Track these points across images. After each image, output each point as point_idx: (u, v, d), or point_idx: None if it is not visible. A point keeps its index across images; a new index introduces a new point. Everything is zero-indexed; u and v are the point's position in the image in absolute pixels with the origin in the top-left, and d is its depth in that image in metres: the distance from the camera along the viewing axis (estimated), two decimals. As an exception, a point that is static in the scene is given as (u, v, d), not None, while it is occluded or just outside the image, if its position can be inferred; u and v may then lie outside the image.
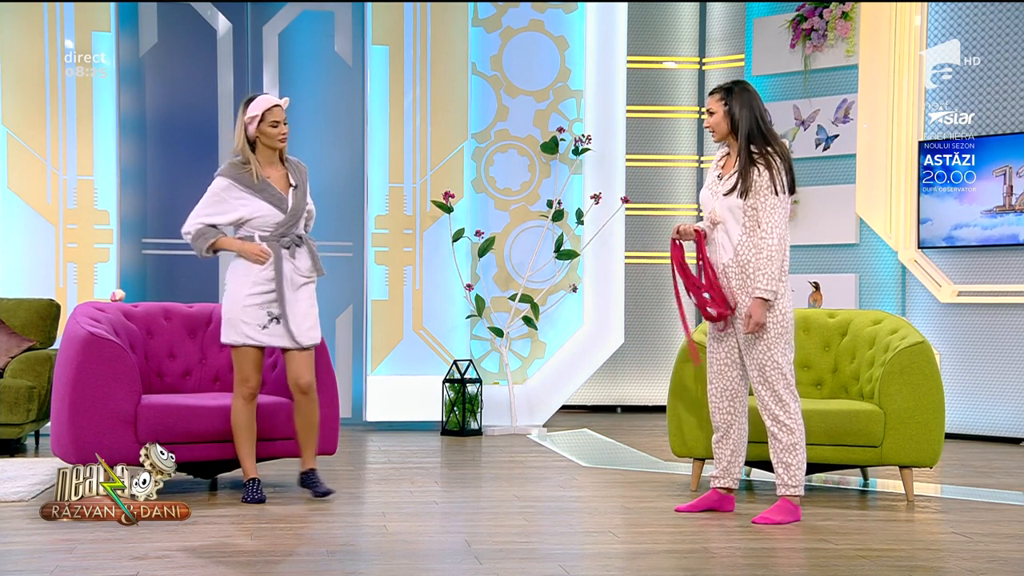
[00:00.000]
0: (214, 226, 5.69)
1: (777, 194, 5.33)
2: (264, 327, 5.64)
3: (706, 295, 5.46)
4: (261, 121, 5.64)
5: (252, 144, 5.69)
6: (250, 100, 5.69)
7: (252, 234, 5.66)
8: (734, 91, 5.46)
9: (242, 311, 5.63)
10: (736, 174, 5.39)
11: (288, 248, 5.66)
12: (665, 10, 10.44)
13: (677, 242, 5.57)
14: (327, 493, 5.80)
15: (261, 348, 5.69)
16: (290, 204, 5.68)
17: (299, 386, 5.74)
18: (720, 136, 5.50)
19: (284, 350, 5.73)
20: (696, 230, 5.52)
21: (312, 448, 5.85)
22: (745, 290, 5.39)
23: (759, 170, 5.35)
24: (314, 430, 5.82)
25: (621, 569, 4.46)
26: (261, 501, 5.67)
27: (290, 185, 5.71)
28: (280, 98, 5.76)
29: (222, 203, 5.67)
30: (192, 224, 5.71)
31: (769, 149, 5.38)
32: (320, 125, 9.00)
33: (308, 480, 5.82)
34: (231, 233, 5.76)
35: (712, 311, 5.45)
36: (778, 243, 5.31)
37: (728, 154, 5.54)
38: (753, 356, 5.39)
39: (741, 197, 5.35)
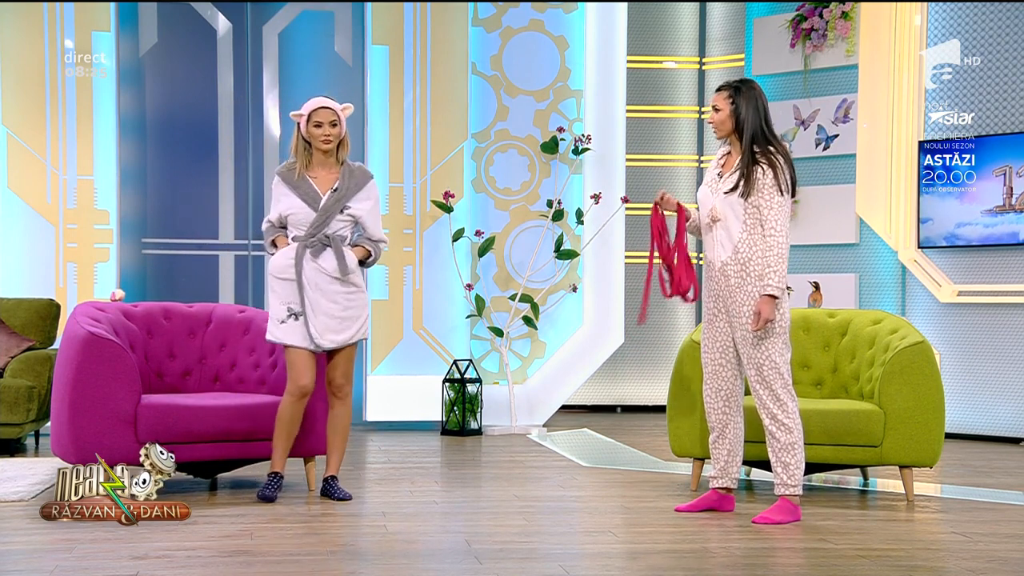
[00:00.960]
0: (273, 223, 5.84)
1: (782, 194, 5.35)
2: (282, 321, 5.68)
3: (666, 273, 5.58)
4: (308, 121, 5.71)
5: (309, 143, 5.78)
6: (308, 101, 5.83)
7: (291, 233, 5.76)
8: (742, 90, 5.46)
9: (270, 306, 5.75)
10: (738, 173, 5.39)
11: (312, 247, 5.67)
12: (665, 10, 10.44)
13: (660, 210, 5.60)
14: (346, 498, 5.81)
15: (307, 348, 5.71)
16: (322, 204, 5.69)
17: (331, 386, 5.80)
18: (723, 134, 5.50)
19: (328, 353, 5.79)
20: (679, 204, 5.55)
21: (338, 455, 5.89)
22: (743, 288, 5.39)
23: (763, 169, 5.35)
24: (343, 436, 5.86)
25: (621, 569, 4.46)
26: (270, 500, 5.67)
27: (332, 188, 5.74)
28: (342, 104, 5.77)
29: (274, 200, 5.82)
30: (264, 223, 5.90)
31: (772, 149, 5.39)
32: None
33: (328, 488, 5.84)
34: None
35: (668, 287, 5.59)
36: (786, 242, 5.33)
37: (729, 152, 5.55)
38: (751, 356, 5.39)
39: (743, 197, 5.35)
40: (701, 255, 10.02)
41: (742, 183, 5.36)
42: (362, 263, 5.83)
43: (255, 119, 9.02)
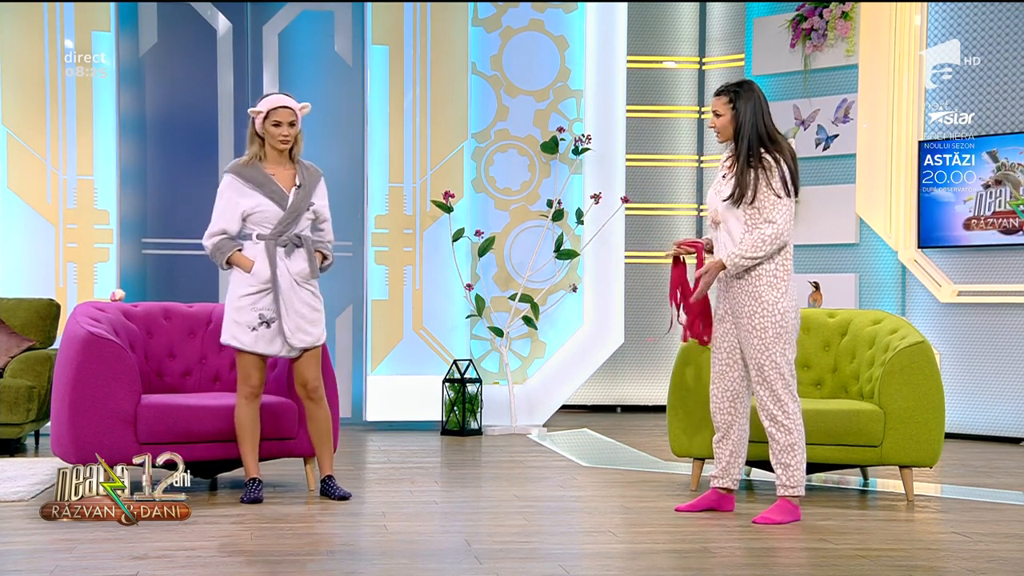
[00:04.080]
0: (230, 235, 5.64)
1: (779, 196, 5.33)
2: (253, 329, 5.61)
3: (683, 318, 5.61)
4: (266, 119, 5.64)
5: (263, 140, 5.70)
6: (266, 96, 5.71)
7: (252, 232, 5.65)
8: (741, 93, 5.43)
9: (235, 312, 5.64)
10: (734, 180, 5.39)
11: (285, 247, 5.65)
12: (665, 10, 10.44)
13: (681, 259, 5.59)
14: (345, 497, 5.81)
15: None
16: (291, 201, 5.67)
17: (305, 389, 5.76)
18: (726, 138, 5.48)
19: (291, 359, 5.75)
20: (695, 244, 5.55)
21: (328, 455, 5.86)
22: (745, 290, 5.39)
23: (758, 174, 5.33)
24: (327, 436, 5.83)
25: (621, 569, 4.46)
26: (257, 501, 5.67)
27: (295, 185, 5.70)
28: (300, 102, 5.72)
29: (228, 201, 5.63)
30: (208, 239, 5.66)
31: (772, 151, 5.37)
32: (320, 125, 9.00)
33: (326, 487, 5.84)
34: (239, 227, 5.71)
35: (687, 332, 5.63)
36: (773, 235, 5.29)
37: (731, 155, 5.54)
38: (753, 356, 5.39)
39: (737, 204, 5.34)
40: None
41: (736, 191, 5.35)
42: (320, 268, 5.78)
43: (255, 119, 9.01)
